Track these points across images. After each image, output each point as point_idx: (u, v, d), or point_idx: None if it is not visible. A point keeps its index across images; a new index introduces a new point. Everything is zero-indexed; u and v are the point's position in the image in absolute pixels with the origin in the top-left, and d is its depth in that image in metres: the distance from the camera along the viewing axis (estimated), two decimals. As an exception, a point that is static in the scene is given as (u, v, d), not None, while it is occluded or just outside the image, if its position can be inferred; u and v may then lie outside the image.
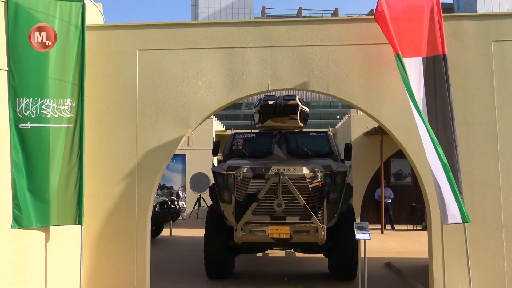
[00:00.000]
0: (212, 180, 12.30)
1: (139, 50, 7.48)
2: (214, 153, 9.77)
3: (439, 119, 6.43)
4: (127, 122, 7.55)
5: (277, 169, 8.07)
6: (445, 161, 6.02)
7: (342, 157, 10.01)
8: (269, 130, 9.93)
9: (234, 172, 8.26)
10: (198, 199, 18.80)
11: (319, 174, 8.06)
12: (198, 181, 18.54)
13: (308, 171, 8.14)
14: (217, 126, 21.86)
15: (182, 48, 7.49)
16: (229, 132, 16.60)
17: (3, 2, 5.86)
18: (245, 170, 8.20)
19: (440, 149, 6.07)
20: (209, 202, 10.46)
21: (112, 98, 7.57)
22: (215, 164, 10.25)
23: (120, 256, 7.22)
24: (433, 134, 6.15)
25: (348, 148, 9.57)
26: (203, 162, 18.78)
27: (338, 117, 44.81)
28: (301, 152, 9.29)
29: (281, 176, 7.90)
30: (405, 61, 6.44)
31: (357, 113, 17.53)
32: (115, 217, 7.36)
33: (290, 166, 8.20)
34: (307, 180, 8.10)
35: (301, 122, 9.98)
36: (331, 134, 9.95)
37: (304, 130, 10.43)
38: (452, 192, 5.94)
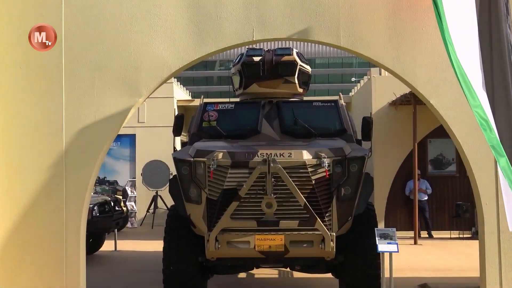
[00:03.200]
0: (173, 171, 12.35)
1: (65, -17, 7.50)
2: (176, 132, 9.87)
3: (497, 76, 6.49)
4: (50, 89, 7.56)
5: (266, 154, 8.16)
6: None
7: (359, 137, 10.07)
8: (254, 98, 10.08)
9: (205, 159, 8.32)
10: (154, 199, 18.84)
11: (326, 161, 8.13)
12: (153, 172, 18.60)
13: (311, 157, 8.22)
14: (181, 93, 21.82)
15: (127, -20, 7.51)
16: (197, 102, 16.56)
17: None
18: (220, 155, 8.27)
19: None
20: (170, 202, 10.57)
21: (27, 54, 7.54)
22: (178, 148, 10.25)
23: (39, 279, 7.32)
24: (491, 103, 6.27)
25: (367, 123, 9.66)
26: (161, 145, 18.75)
27: (353, 80, 44.95)
28: (300, 129, 9.44)
29: (272, 164, 7.95)
30: None
31: (380, 74, 17.58)
32: (33, 223, 7.43)
33: (285, 149, 8.30)
34: (309, 170, 8.16)
35: (300, 87, 10.12)
36: (343, 104, 10.05)
37: (305, 98, 10.58)
38: None
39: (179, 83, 22.17)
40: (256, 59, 9.82)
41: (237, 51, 13.52)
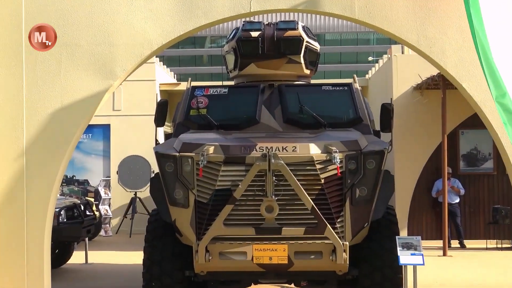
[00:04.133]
0: (155, 168, 12.24)
1: None
2: (159, 121, 9.92)
3: None
4: (8, 69, 7.58)
5: (267, 147, 8.22)
6: None
7: (377, 127, 10.11)
8: (252, 81, 10.14)
9: (193, 154, 8.37)
10: (133, 202, 18.85)
11: (338, 156, 8.17)
12: (131, 170, 18.62)
13: (319, 151, 8.28)
14: (164, 75, 21.83)
15: None
16: (184, 85, 16.56)
17: None
18: (211, 149, 8.32)
19: None
20: (152, 205, 10.55)
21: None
22: (161, 141, 10.32)
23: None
24: None
25: (387, 111, 9.72)
26: (140, 137, 18.78)
27: (370, 59, 44.67)
28: (307, 119, 9.53)
29: (273, 160, 8.01)
30: None
31: (402, 53, 17.56)
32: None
33: (289, 142, 8.37)
34: (318, 167, 8.22)
35: (307, 68, 10.17)
36: (358, 88, 10.10)
37: (313, 81, 10.66)
38: None
39: (162, 63, 22.11)
40: (254, 34, 9.84)
41: (231, 25, 13.54)
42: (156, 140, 9.85)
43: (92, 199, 17.43)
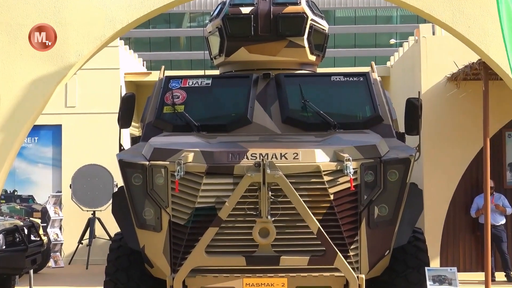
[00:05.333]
0: (118, 181, 12.22)
1: None
2: (124, 121, 9.95)
3: None
4: None
5: (261, 154, 8.26)
6: None
7: (401, 129, 10.15)
8: (242, 70, 10.25)
9: (167, 163, 8.43)
10: (90, 223, 18.82)
11: (351, 165, 8.18)
12: (88, 183, 18.59)
13: (328, 159, 8.33)
14: (131, 63, 21.84)
15: None
16: (156, 75, 16.55)
17: None
18: (190, 157, 8.36)
19: None
20: (114, 228, 10.47)
21: None
22: (126, 146, 10.62)
23: None
24: None
25: (413, 108, 9.73)
26: (100, 141, 18.73)
27: (392, 42, 44.64)
28: (311, 118, 9.63)
29: (268, 171, 8.00)
30: None
31: (433, 34, 17.55)
32: None
33: (289, 148, 8.43)
34: (326, 179, 8.26)
35: (312, 54, 10.27)
36: (377, 78, 10.16)
37: (319, 70, 10.77)
38: None
39: (128, 47, 22.08)
40: (245, 10, 9.92)
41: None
42: (120, 145, 9.82)
43: (39, 220, 17.32)
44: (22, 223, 14.47)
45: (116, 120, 9.93)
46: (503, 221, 16.54)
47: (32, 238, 14.51)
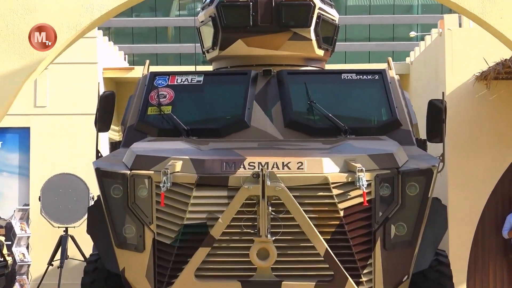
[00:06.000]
0: (94, 193, 12.20)
1: None
2: (102, 124, 10.02)
3: None
4: None
5: (260, 163, 8.29)
6: None
7: (422, 135, 10.18)
8: (239, 66, 10.36)
9: (151, 172, 8.46)
10: (62, 242, 18.63)
11: (364, 177, 8.16)
12: (60, 195, 18.38)
13: (337, 169, 8.35)
14: (110, 56, 21.89)
15: None
16: (139, 71, 16.53)
17: None
18: (178, 166, 8.39)
19: None
20: (89, 248, 10.42)
21: None
22: (105, 152, 10.47)
23: None
24: None
25: (437, 112, 9.75)
26: (74, 146, 18.79)
27: (412, 35, 44.75)
28: (319, 121, 9.73)
29: (269, 182, 7.98)
30: None
31: (460, 26, 17.54)
32: None
33: (293, 156, 8.47)
34: (335, 192, 8.27)
35: (320, 48, 10.37)
36: (394, 77, 10.23)
37: (328, 67, 10.87)
38: None
39: (107, 38, 22.09)
40: (242, -4, 9.99)
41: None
42: (98, 152, 9.87)
43: (3, 238, 17.45)
44: (-16, 242, 14.53)
45: (93, 122, 10.00)
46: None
47: (-4, 259, 14.54)
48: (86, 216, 9.94)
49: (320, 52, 10.34)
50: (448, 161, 12.29)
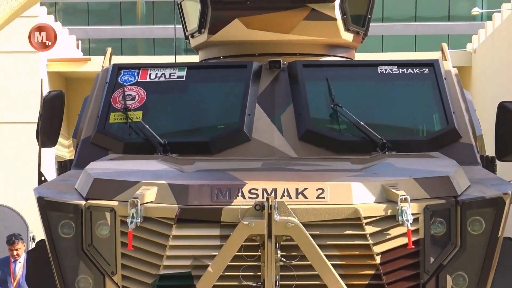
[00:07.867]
0: (36, 231, 11.37)
1: None
2: (47, 136, 9.49)
3: None
4: None
5: (264, 190, 7.66)
6: None
7: (490, 152, 9.74)
8: (235, 56, 10.09)
9: (115, 203, 7.80)
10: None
11: (409, 209, 7.43)
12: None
13: (372, 198, 7.71)
14: (59, 43, 20.69)
15: None
16: (98, 63, 15.80)
17: None
18: (152, 194, 7.73)
19: None
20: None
21: None
22: (49, 176, 9.91)
23: None
24: None
25: (510, 118, 9.11)
26: (10, 166, 17.93)
27: (474, 13, 43.08)
28: (346, 132, 9.28)
29: (277, 217, 7.19)
30: None
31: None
32: None
33: (310, 181, 7.88)
34: (368, 230, 7.60)
35: (347, 30, 9.89)
36: (451, 70, 9.66)
37: (358, 56, 10.53)
38: None
39: (53, 17, 21.54)
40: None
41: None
42: (41, 174, 9.26)
43: None
44: None
45: (34, 134, 9.44)
46: None
47: None
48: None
49: (347, 37, 9.75)
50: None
